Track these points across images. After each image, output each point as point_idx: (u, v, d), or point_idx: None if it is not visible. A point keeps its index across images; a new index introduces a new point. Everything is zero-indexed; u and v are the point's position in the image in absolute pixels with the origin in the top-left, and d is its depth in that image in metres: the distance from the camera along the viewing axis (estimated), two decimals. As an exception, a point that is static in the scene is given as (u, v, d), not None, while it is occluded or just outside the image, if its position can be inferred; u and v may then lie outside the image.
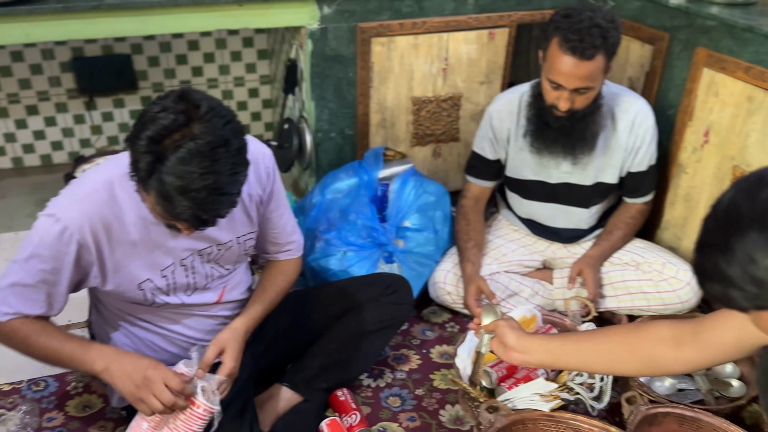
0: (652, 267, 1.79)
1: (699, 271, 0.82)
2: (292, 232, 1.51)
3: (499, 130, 1.84)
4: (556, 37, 1.57)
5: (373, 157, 2.03)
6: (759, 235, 0.73)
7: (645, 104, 1.78)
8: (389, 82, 2.17)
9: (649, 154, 1.80)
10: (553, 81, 1.60)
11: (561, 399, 1.45)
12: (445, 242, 1.96)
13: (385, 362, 1.75)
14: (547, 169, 1.83)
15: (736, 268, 0.75)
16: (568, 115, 1.64)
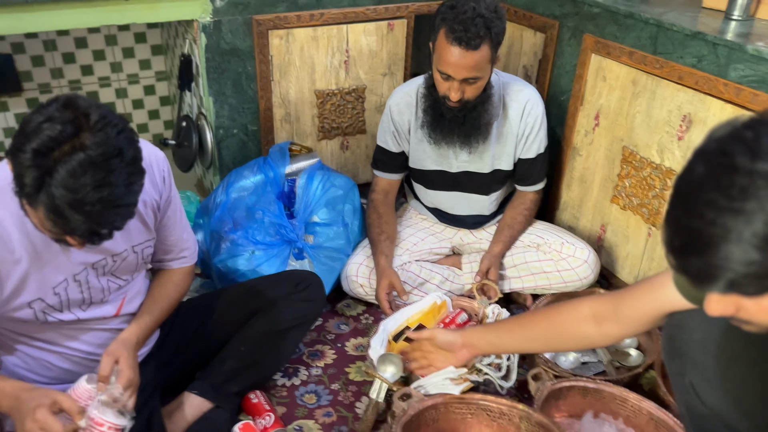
0: (552, 247, 1.87)
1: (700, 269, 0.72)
2: (188, 238, 1.46)
3: (400, 123, 1.86)
4: (443, 29, 1.59)
5: (279, 152, 1.99)
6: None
7: (534, 92, 1.84)
8: (291, 75, 2.13)
9: (538, 141, 1.86)
10: (443, 72, 1.63)
11: (471, 381, 1.48)
12: (356, 235, 1.96)
13: (299, 360, 1.74)
14: (447, 159, 1.86)
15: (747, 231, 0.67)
16: (461, 105, 1.68)
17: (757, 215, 0.66)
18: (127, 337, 1.28)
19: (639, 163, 1.83)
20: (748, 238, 0.67)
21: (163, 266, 1.44)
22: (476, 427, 1.46)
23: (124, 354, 1.24)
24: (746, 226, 0.67)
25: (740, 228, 0.67)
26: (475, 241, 2.00)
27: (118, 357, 1.23)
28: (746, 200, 0.67)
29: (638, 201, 1.87)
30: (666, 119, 1.73)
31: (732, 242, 0.68)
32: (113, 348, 1.25)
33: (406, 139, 1.88)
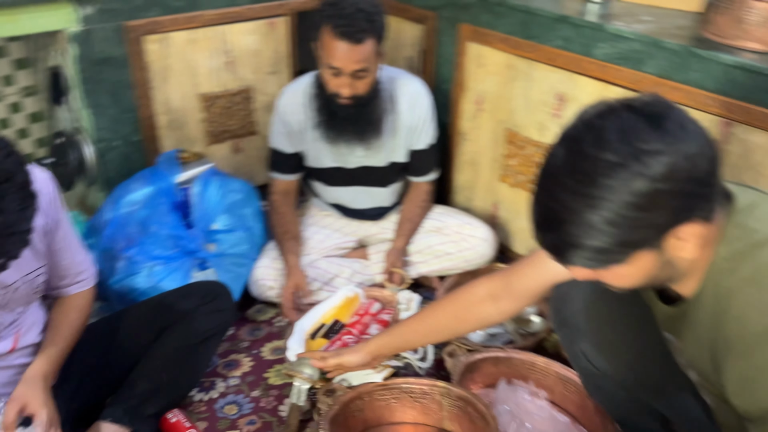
0: (452, 230, 1.95)
1: (561, 245, 0.81)
2: (83, 261, 1.38)
3: (292, 123, 1.85)
4: (326, 25, 1.61)
5: (167, 161, 1.92)
6: (623, 170, 0.74)
7: (421, 85, 1.90)
8: (172, 80, 2.05)
9: (427, 132, 1.92)
10: (332, 66, 1.64)
11: (391, 367, 1.52)
12: (260, 239, 1.93)
13: (214, 372, 1.69)
14: (344, 155, 1.88)
15: (608, 211, 0.76)
16: (353, 101, 1.70)
17: (599, 201, 0.75)
18: (33, 374, 1.21)
19: (522, 143, 1.95)
20: (591, 221, 0.76)
21: (61, 293, 1.36)
22: (401, 411, 1.50)
23: (32, 396, 1.17)
24: (590, 210, 0.76)
25: (585, 212, 0.76)
26: (380, 231, 2.04)
27: (24, 402, 1.16)
28: (591, 186, 0.75)
29: (525, 178, 1.98)
30: (542, 99, 1.85)
31: (577, 224, 0.77)
32: (20, 392, 1.18)
33: (299, 140, 1.88)
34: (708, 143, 0.78)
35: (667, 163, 0.74)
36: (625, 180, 0.74)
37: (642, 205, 0.75)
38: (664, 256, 0.80)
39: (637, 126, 0.76)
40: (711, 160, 0.78)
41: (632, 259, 0.80)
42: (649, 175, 0.74)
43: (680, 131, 0.76)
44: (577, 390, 1.52)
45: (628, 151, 0.74)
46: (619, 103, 0.80)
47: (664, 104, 0.79)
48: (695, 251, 0.80)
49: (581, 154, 0.77)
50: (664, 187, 0.74)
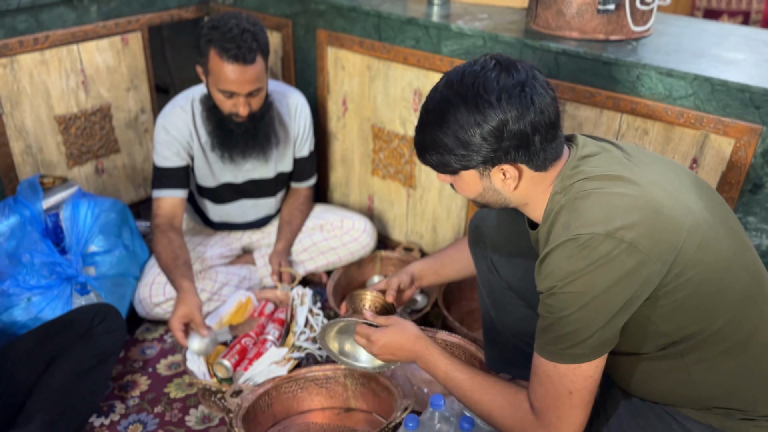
0: (333, 225, 2.04)
1: (420, 146, 1.06)
2: None
3: (179, 139, 1.81)
4: (213, 49, 1.62)
5: (29, 188, 1.83)
6: (466, 109, 0.98)
7: (300, 95, 1.98)
8: (23, 104, 1.96)
9: (309, 140, 2.01)
10: (225, 90, 1.65)
11: (294, 359, 1.59)
12: (140, 256, 1.90)
13: (111, 395, 1.65)
14: (231, 171, 1.90)
15: (450, 137, 1.00)
16: (249, 118, 1.73)
17: (444, 128, 1.01)
18: None
19: (387, 137, 2.10)
20: (436, 138, 1.02)
21: None
22: (308, 398, 1.57)
23: None
24: (438, 131, 1.02)
25: (435, 130, 1.02)
26: (263, 236, 2.09)
27: None
28: (443, 115, 1.01)
29: (394, 169, 2.13)
30: (401, 95, 2.00)
31: (429, 137, 1.04)
32: None
33: (189, 155, 1.85)
34: (539, 113, 0.98)
35: (498, 120, 0.97)
36: (463, 120, 0.98)
37: (468, 142, 0.99)
38: (490, 183, 1.06)
39: (489, 82, 0.98)
40: (534, 127, 0.99)
41: (463, 175, 1.06)
42: (481, 123, 0.98)
43: (520, 96, 0.97)
44: (462, 353, 1.69)
45: (474, 101, 0.98)
46: (490, 60, 1.01)
47: (522, 70, 1.00)
48: (511, 186, 1.04)
49: (442, 93, 1.02)
50: (488, 135, 0.98)
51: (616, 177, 1.01)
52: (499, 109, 0.96)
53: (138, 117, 2.27)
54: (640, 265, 0.95)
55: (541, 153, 1.01)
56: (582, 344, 0.99)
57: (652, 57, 1.58)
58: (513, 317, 1.45)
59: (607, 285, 0.95)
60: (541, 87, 1.00)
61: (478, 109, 0.97)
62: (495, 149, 0.99)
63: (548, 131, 1.00)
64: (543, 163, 1.03)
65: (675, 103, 1.52)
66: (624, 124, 1.62)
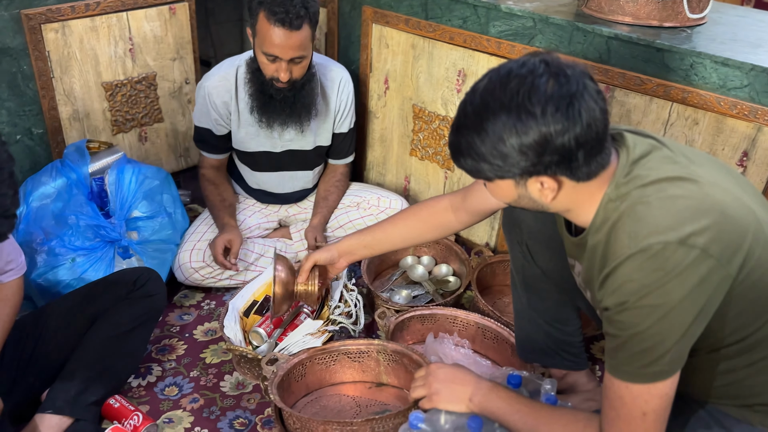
0: (370, 203, 2.05)
1: (455, 148, 0.99)
2: (11, 250, 1.35)
3: (219, 106, 1.87)
4: (262, 12, 1.64)
5: (76, 152, 1.87)
6: (507, 118, 0.90)
7: (345, 71, 1.98)
8: (73, 70, 1.99)
9: (350, 117, 2.01)
10: (269, 54, 1.67)
11: (328, 332, 1.61)
12: (181, 224, 1.93)
13: (148, 358, 1.69)
14: (271, 139, 1.92)
15: (488, 145, 0.93)
16: (290, 85, 1.74)
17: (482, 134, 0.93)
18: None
19: (428, 117, 2.09)
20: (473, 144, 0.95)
21: None
22: (341, 371, 1.59)
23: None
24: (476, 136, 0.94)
25: (472, 135, 0.95)
26: (300, 211, 2.11)
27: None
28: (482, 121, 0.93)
29: (433, 150, 2.13)
30: (445, 75, 1.99)
31: (466, 140, 0.96)
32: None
33: (227, 123, 1.90)
34: (587, 127, 0.90)
35: (540, 133, 0.89)
36: (502, 131, 0.91)
37: (506, 155, 0.92)
38: (526, 191, 0.99)
39: (535, 91, 0.89)
40: (579, 143, 0.90)
41: (498, 183, 1.00)
42: (521, 136, 0.90)
43: (568, 110, 0.88)
44: (494, 336, 1.69)
45: (516, 111, 0.90)
46: (539, 63, 0.92)
47: (573, 79, 0.90)
48: (548, 197, 0.98)
49: (483, 96, 0.94)
50: (527, 149, 0.91)
51: (675, 178, 0.95)
52: (542, 122, 0.88)
53: (182, 87, 2.29)
54: (712, 271, 0.90)
55: (584, 168, 0.94)
56: (659, 360, 0.93)
57: (707, 45, 1.54)
58: (547, 304, 1.45)
59: (683, 295, 0.90)
60: (592, 98, 0.90)
61: (520, 120, 0.89)
62: (534, 163, 0.92)
63: (594, 146, 0.92)
64: (586, 176, 0.96)
65: (729, 93, 1.49)
66: (674, 113, 1.59)
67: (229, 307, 1.70)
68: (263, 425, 1.51)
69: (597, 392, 1.50)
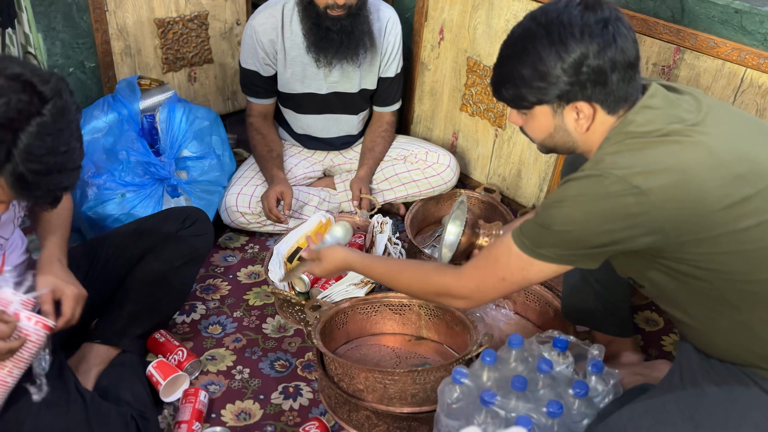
0: (417, 157, 2.02)
1: (497, 80, 1.06)
2: None
3: (266, 44, 1.84)
4: None
5: (128, 88, 1.87)
6: (548, 39, 0.98)
7: (394, 11, 1.92)
8: (127, 4, 1.98)
9: (396, 60, 1.95)
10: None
11: (372, 283, 1.61)
12: (228, 166, 1.93)
13: (193, 296, 1.72)
14: (317, 80, 1.89)
15: (528, 68, 1.00)
16: (346, 12, 1.70)
17: (524, 58, 1.01)
18: (47, 259, 1.23)
19: (483, 71, 2.03)
20: (514, 70, 1.02)
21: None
22: (381, 322, 1.59)
23: (53, 280, 1.19)
24: (517, 62, 1.02)
25: (514, 62, 1.03)
26: (345, 161, 2.09)
27: (49, 287, 1.18)
28: (523, 46, 1.01)
29: (484, 107, 2.07)
30: (504, 28, 1.92)
31: (507, 69, 1.04)
32: (41, 284, 1.18)
33: (273, 63, 1.87)
34: (620, 51, 0.98)
35: (579, 52, 0.97)
36: (544, 51, 0.99)
37: (546, 74, 0.99)
38: (562, 122, 1.05)
39: (573, 17, 0.98)
40: (613, 64, 0.98)
41: (536, 112, 1.05)
42: (562, 55, 0.98)
43: (603, 33, 0.97)
44: (537, 299, 1.67)
45: (557, 32, 0.98)
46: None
47: (606, 9, 0.99)
48: (583, 126, 1.04)
49: (524, 26, 1.03)
50: (567, 67, 0.98)
51: (663, 134, 0.98)
52: (581, 42, 0.97)
53: (233, 28, 2.26)
54: (643, 214, 0.95)
55: (616, 92, 1.01)
56: (554, 249, 1.03)
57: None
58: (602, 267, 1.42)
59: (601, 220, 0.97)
60: (624, 27, 1.00)
61: (561, 40, 0.98)
62: (572, 83, 0.99)
63: (627, 71, 1.00)
64: (615, 105, 1.02)
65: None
66: (747, 80, 1.51)
67: (274, 251, 1.71)
68: (303, 368, 1.53)
69: (644, 366, 1.48)
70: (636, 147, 0.98)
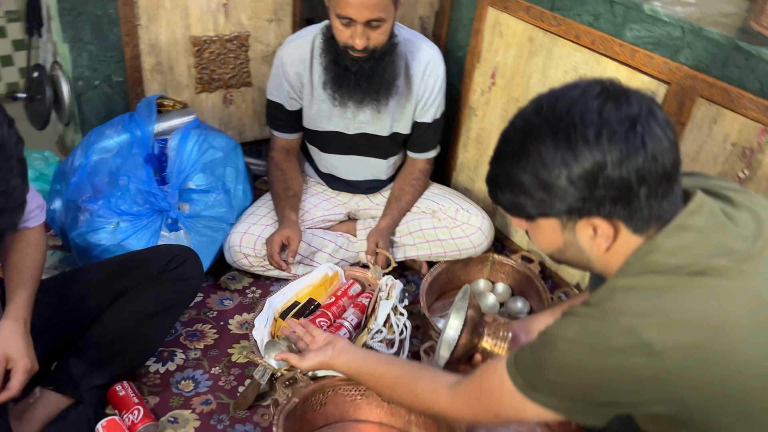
0: (447, 214, 1.79)
1: (492, 180, 0.87)
2: (33, 197, 1.26)
3: (292, 77, 1.69)
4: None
5: (146, 108, 1.76)
6: (552, 140, 0.77)
7: (437, 52, 1.72)
8: (161, 19, 1.88)
9: (435, 105, 1.75)
10: (343, 16, 1.46)
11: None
12: (240, 201, 1.79)
13: (176, 341, 1.58)
14: (344, 119, 1.72)
15: (528, 174, 0.79)
16: (366, 55, 1.53)
17: (524, 163, 0.80)
18: (11, 322, 1.17)
19: (534, 125, 1.78)
20: (513, 174, 0.82)
21: (17, 230, 1.26)
22: (366, 408, 1.38)
23: (11, 348, 1.14)
24: (516, 165, 0.82)
25: (512, 164, 0.82)
26: (371, 206, 1.90)
27: (4, 356, 1.13)
28: (524, 147, 0.80)
29: (533, 163, 1.82)
30: (562, 79, 1.67)
31: (505, 171, 0.84)
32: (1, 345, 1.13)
33: (298, 97, 1.72)
34: (651, 159, 0.75)
35: (593, 161, 0.75)
36: (547, 156, 0.78)
37: (550, 185, 0.78)
38: (573, 238, 0.84)
39: (589, 112, 0.76)
40: (641, 176, 0.76)
41: (540, 224, 0.85)
42: (570, 163, 0.76)
43: (627, 135, 0.75)
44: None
45: (565, 133, 0.76)
46: (595, 85, 0.79)
47: (635, 103, 0.77)
48: (602, 247, 0.82)
49: (527, 118, 0.82)
50: (577, 179, 0.77)
51: (697, 273, 0.75)
52: (596, 147, 0.75)
53: (276, 51, 2.13)
54: (655, 380, 0.72)
55: (646, 210, 0.78)
56: (550, 397, 0.82)
57: None
58: None
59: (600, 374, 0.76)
60: (659, 127, 0.77)
61: (569, 144, 0.76)
62: (584, 198, 0.78)
63: (660, 184, 0.77)
64: (644, 223, 0.80)
65: None
66: None
67: (266, 304, 1.54)
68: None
69: None
70: (657, 286, 0.75)
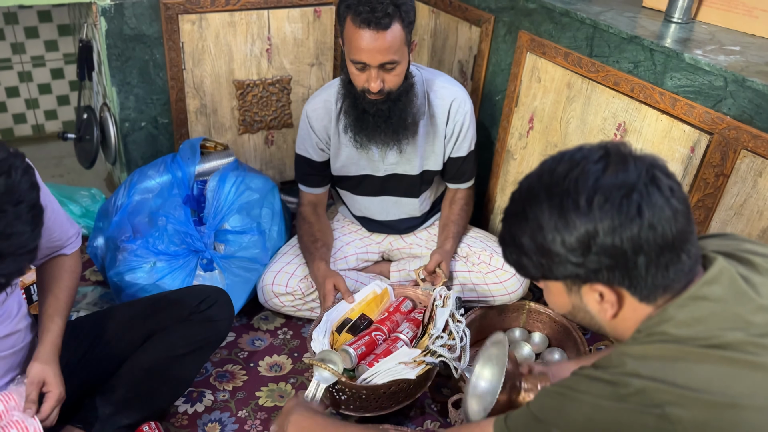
0: (480, 259, 1.76)
1: (501, 239, 0.88)
2: (69, 224, 1.31)
3: (319, 130, 1.70)
4: (348, 15, 1.44)
5: (189, 149, 1.82)
6: (548, 205, 0.77)
7: (461, 89, 1.72)
8: (205, 63, 1.95)
9: (469, 138, 1.74)
10: (357, 61, 1.48)
11: (426, 363, 1.40)
12: (275, 242, 1.81)
13: (205, 382, 1.59)
14: (373, 162, 1.73)
15: (527, 237, 0.80)
16: (383, 97, 1.53)
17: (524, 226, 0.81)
18: (46, 350, 1.22)
19: (573, 171, 1.74)
20: (516, 236, 0.83)
21: (51, 256, 1.32)
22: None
23: (49, 373, 1.20)
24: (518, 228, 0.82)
25: (516, 226, 0.82)
26: (405, 246, 1.89)
27: (42, 378, 1.20)
28: (525, 212, 0.81)
29: (571, 209, 1.78)
30: (600, 126, 1.64)
31: (510, 233, 0.84)
32: (36, 372, 1.20)
33: (326, 148, 1.73)
34: (648, 228, 0.74)
35: (584, 229, 0.75)
36: (543, 221, 0.78)
37: (547, 250, 0.79)
38: (580, 302, 0.84)
39: (585, 178, 0.76)
40: (637, 245, 0.74)
41: (548, 285, 0.86)
42: (562, 230, 0.76)
43: (621, 203, 0.74)
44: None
45: (559, 200, 0.77)
46: (598, 149, 0.79)
47: (635, 169, 0.76)
48: (608, 313, 0.81)
49: (531, 182, 0.82)
50: (571, 246, 0.77)
51: (716, 346, 0.73)
52: (587, 215, 0.75)
53: (316, 93, 2.18)
54: None
55: (649, 279, 0.76)
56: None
57: None
58: None
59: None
60: (661, 195, 0.75)
61: (561, 212, 0.77)
62: (581, 264, 0.78)
63: (661, 254, 0.75)
64: (650, 293, 0.78)
65: None
66: None
67: (324, 318, 1.53)
68: (291, 499, 1.32)
69: None
70: (667, 355, 0.73)
